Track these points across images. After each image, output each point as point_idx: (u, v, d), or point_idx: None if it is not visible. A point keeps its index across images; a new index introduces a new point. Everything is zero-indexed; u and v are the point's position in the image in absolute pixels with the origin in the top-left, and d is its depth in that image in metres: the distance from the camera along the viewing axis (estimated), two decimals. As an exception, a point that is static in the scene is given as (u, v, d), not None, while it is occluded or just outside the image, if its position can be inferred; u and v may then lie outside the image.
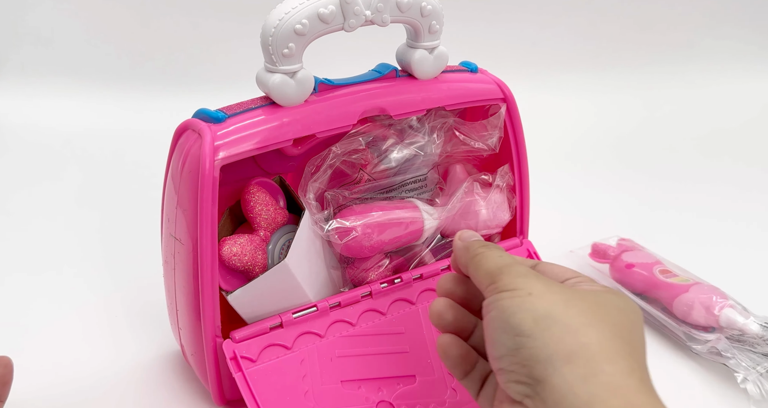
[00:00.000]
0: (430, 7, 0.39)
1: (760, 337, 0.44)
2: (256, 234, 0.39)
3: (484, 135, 0.44)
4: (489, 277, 0.30)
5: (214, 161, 0.35)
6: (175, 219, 0.38)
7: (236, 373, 0.37)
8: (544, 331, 0.27)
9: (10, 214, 0.66)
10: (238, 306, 0.38)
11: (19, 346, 0.46)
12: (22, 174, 0.74)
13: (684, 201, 0.69)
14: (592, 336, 0.26)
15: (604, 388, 0.25)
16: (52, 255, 0.59)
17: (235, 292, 0.38)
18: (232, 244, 0.38)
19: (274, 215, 0.40)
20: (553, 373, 0.26)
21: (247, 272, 0.39)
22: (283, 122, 0.37)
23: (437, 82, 0.42)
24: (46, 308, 0.52)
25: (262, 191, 0.40)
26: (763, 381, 0.42)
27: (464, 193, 0.44)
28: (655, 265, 0.52)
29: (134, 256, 0.58)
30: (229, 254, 0.37)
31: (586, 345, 0.26)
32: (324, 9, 0.35)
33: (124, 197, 0.69)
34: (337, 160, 0.41)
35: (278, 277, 0.38)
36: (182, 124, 0.38)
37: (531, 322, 0.27)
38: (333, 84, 0.39)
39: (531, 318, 0.27)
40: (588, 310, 0.28)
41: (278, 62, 0.36)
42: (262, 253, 0.39)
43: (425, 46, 0.40)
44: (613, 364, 0.26)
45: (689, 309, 0.47)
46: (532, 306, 0.28)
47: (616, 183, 0.73)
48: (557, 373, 0.26)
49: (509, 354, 0.27)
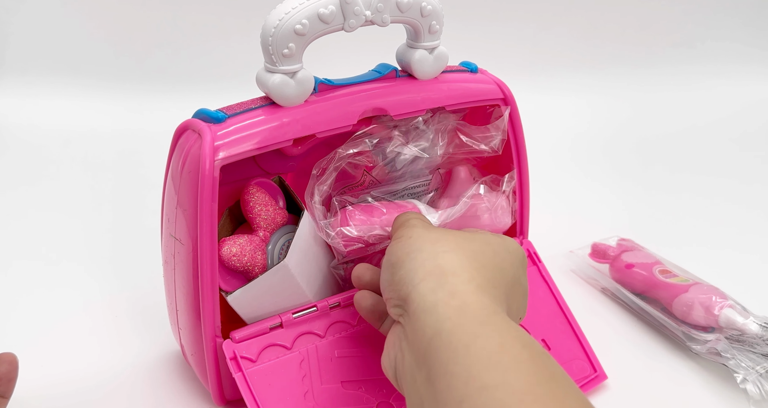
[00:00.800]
0: (430, 8, 0.39)
1: (760, 337, 0.44)
2: (255, 234, 0.39)
3: (486, 137, 0.44)
4: (393, 232, 0.37)
5: (214, 161, 0.35)
6: (175, 219, 0.38)
7: (236, 373, 0.37)
8: (411, 260, 0.32)
9: (10, 214, 0.66)
10: (238, 306, 0.38)
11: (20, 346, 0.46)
12: (22, 174, 0.74)
13: (684, 201, 0.69)
14: (447, 259, 0.32)
15: (446, 294, 0.30)
16: (52, 255, 0.59)
17: (234, 293, 0.38)
18: (232, 244, 0.38)
19: (274, 215, 0.40)
20: (413, 289, 0.31)
21: (246, 272, 0.38)
22: (283, 122, 0.37)
23: (437, 82, 0.42)
24: (46, 309, 0.52)
25: (262, 192, 0.40)
26: (762, 381, 0.42)
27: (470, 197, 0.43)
28: (654, 265, 0.52)
29: (134, 257, 0.58)
30: (229, 254, 0.37)
31: (440, 265, 0.32)
32: (324, 9, 0.35)
33: (123, 197, 0.69)
34: (342, 162, 0.41)
35: (278, 278, 0.38)
36: (182, 124, 0.38)
37: (403, 255, 0.33)
38: (333, 84, 0.39)
39: (404, 252, 0.33)
40: (453, 243, 0.33)
41: (278, 62, 0.36)
42: (262, 253, 0.39)
43: (425, 47, 0.40)
44: (457, 277, 0.31)
45: (689, 309, 0.47)
46: (407, 243, 0.34)
47: (616, 183, 0.73)
48: (415, 289, 0.31)
49: (387, 284, 0.33)
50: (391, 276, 0.33)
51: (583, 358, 0.44)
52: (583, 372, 0.44)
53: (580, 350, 0.44)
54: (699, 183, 0.73)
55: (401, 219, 0.38)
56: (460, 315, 0.29)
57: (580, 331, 0.45)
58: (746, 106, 0.91)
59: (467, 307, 0.29)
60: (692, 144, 0.83)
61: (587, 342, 0.45)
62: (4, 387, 0.36)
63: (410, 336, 0.31)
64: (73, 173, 0.74)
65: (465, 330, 0.28)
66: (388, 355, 0.33)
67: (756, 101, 0.92)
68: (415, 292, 0.31)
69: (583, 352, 0.44)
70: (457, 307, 0.29)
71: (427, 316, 0.30)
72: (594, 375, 0.44)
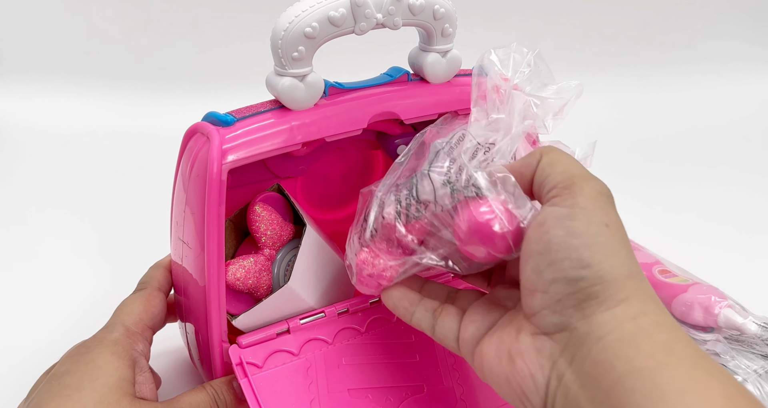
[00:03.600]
0: (443, 10, 0.38)
1: (759, 337, 0.43)
2: (261, 253, 0.39)
3: None
4: (565, 177, 0.28)
5: (222, 165, 0.35)
6: (183, 222, 0.38)
7: (242, 379, 0.37)
8: (606, 260, 0.26)
9: (10, 213, 0.67)
10: (245, 328, 0.38)
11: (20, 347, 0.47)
12: (22, 174, 0.74)
13: (683, 201, 0.69)
14: (640, 283, 0.26)
15: (651, 324, 0.24)
16: (55, 256, 0.60)
17: (239, 318, 0.38)
18: (237, 268, 0.38)
19: (280, 233, 0.39)
20: (606, 311, 0.25)
21: (252, 294, 0.39)
22: (293, 126, 0.36)
23: (450, 85, 0.41)
24: (48, 309, 0.52)
25: (267, 209, 0.39)
26: (762, 382, 0.41)
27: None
28: (654, 265, 0.52)
29: (139, 258, 0.58)
30: (234, 279, 0.37)
31: (643, 286, 0.26)
32: (334, 12, 0.35)
33: (124, 198, 0.69)
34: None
35: (283, 299, 0.38)
36: (191, 127, 0.37)
37: (602, 257, 0.26)
38: (343, 87, 0.39)
39: (603, 253, 0.26)
40: (623, 232, 0.27)
41: (288, 65, 0.35)
42: (267, 273, 0.39)
43: (438, 50, 0.40)
44: (657, 301, 0.26)
45: (688, 309, 0.46)
46: (607, 241, 0.26)
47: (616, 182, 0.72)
48: (611, 311, 0.25)
49: (565, 282, 0.26)
50: (577, 277, 0.26)
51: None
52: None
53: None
54: (699, 183, 0.72)
55: (571, 166, 0.29)
56: (669, 353, 0.23)
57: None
58: (747, 106, 0.90)
59: (677, 344, 0.24)
60: (692, 144, 0.82)
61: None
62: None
63: (585, 365, 0.25)
64: (73, 173, 0.74)
65: (676, 373, 0.23)
66: (524, 374, 0.27)
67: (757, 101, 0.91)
68: (610, 315, 0.25)
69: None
70: (665, 343, 0.24)
71: (624, 349, 0.24)
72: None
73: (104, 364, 0.34)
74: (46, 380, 0.35)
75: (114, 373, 0.34)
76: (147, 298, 0.39)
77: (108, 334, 0.37)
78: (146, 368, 0.37)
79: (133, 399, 0.34)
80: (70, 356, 0.36)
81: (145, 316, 0.38)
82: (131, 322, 0.38)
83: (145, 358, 0.38)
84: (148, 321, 0.38)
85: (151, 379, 0.37)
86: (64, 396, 0.33)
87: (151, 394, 0.36)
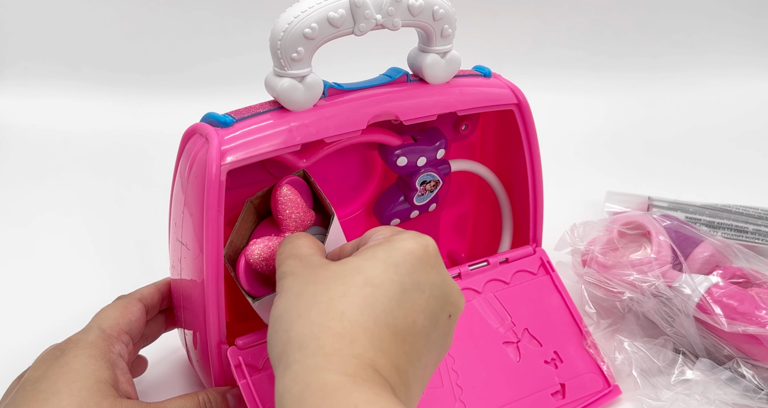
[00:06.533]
0: (443, 11, 0.38)
1: None
2: (283, 236, 0.38)
3: None
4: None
5: (221, 166, 0.34)
6: (182, 223, 0.37)
7: (240, 380, 0.37)
8: (273, 331, 0.29)
9: (10, 213, 0.66)
10: (263, 312, 0.37)
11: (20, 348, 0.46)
12: (22, 174, 0.74)
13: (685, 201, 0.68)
14: (297, 329, 0.28)
15: (316, 380, 0.26)
16: (54, 256, 0.59)
17: (261, 300, 0.37)
18: (263, 247, 0.36)
19: (303, 218, 0.38)
20: (285, 370, 0.27)
21: (272, 275, 0.37)
22: (292, 127, 0.36)
23: (449, 86, 0.41)
24: (46, 310, 0.52)
25: (294, 192, 0.38)
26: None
27: None
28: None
29: (137, 259, 0.58)
30: (259, 258, 0.36)
31: (293, 338, 0.27)
32: (334, 13, 0.35)
33: (125, 198, 0.69)
34: None
35: None
36: (190, 128, 0.37)
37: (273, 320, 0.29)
38: (342, 88, 0.39)
39: (274, 316, 0.29)
40: (311, 298, 0.29)
41: (287, 66, 0.35)
42: None
43: (437, 51, 0.39)
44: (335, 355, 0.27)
45: None
46: (275, 306, 0.29)
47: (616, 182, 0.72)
48: (289, 369, 0.27)
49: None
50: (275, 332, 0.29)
51: (596, 371, 0.43)
52: (595, 386, 0.43)
53: (593, 364, 0.43)
54: (700, 183, 0.72)
55: (280, 251, 0.33)
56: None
57: (593, 344, 0.44)
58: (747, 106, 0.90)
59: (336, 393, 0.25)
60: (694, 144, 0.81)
61: (601, 355, 0.44)
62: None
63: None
64: (74, 174, 0.74)
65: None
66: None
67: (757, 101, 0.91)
68: (288, 375, 0.26)
69: (596, 366, 0.43)
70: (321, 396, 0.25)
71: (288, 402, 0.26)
72: (607, 390, 0.43)
73: (80, 367, 0.34)
74: (19, 386, 0.34)
75: (91, 375, 0.34)
76: (125, 305, 0.39)
77: (84, 336, 0.37)
78: (126, 370, 0.37)
79: (115, 399, 0.34)
80: (44, 360, 0.35)
81: (121, 321, 0.38)
82: (107, 326, 0.37)
83: (124, 360, 0.37)
84: (125, 326, 0.38)
85: (131, 380, 0.37)
86: (40, 401, 0.32)
87: (134, 395, 0.36)
